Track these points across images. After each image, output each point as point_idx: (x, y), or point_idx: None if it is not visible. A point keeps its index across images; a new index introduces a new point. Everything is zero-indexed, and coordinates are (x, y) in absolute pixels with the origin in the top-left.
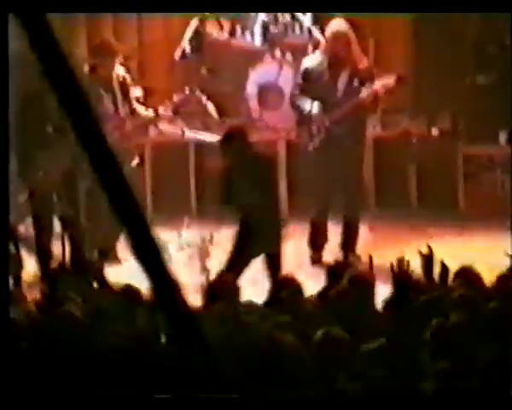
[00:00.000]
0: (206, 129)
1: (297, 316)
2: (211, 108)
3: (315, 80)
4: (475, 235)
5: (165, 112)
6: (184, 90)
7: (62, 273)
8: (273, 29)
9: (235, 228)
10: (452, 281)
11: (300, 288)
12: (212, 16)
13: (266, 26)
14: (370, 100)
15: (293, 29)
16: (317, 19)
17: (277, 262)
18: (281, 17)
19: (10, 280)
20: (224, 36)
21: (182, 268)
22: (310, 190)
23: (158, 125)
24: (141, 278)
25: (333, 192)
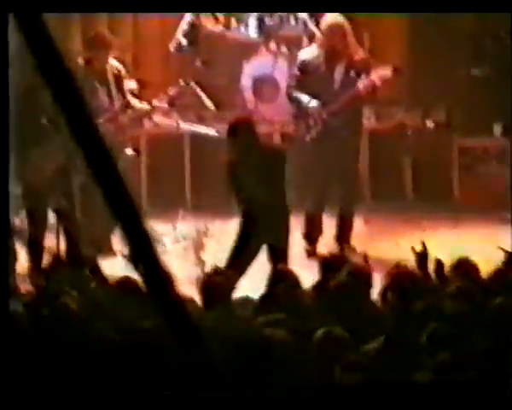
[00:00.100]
0: (200, 121)
1: (294, 311)
2: (206, 101)
3: (311, 72)
4: (470, 227)
5: (159, 104)
6: (179, 82)
7: (57, 266)
8: (268, 21)
9: (238, 221)
10: (449, 273)
11: (298, 281)
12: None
13: (261, 19)
14: (367, 91)
15: (288, 21)
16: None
17: (283, 256)
18: None
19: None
20: (219, 28)
21: (177, 261)
22: (306, 183)
23: (153, 117)
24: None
25: (329, 184)
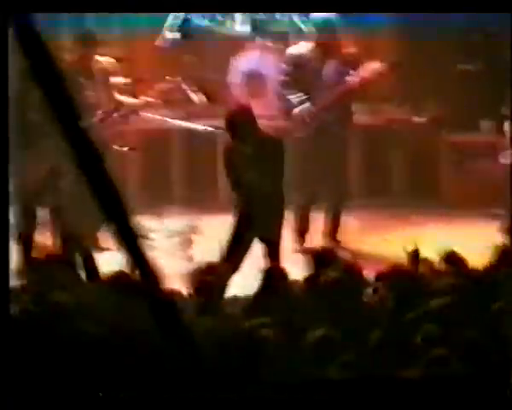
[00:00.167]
0: (189, 117)
1: (285, 310)
2: (193, 96)
3: (302, 68)
4: (459, 222)
5: (148, 100)
6: (168, 78)
7: (48, 262)
8: (256, 17)
9: (228, 217)
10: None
11: (289, 279)
12: None
13: (249, 14)
14: (359, 87)
15: (275, 17)
16: None
17: (276, 250)
18: None
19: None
20: (209, 24)
21: (165, 257)
22: (296, 178)
23: (141, 113)
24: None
25: (320, 179)
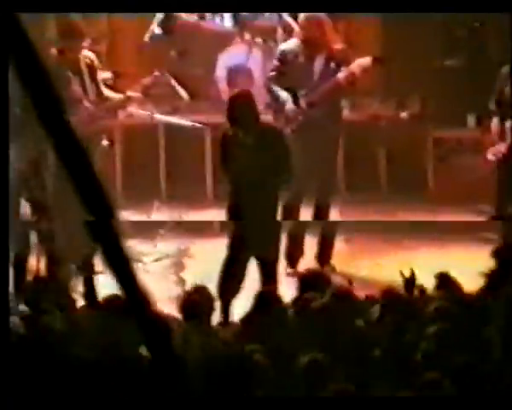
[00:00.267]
0: (175, 112)
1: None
2: (180, 91)
3: (290, 64)
4: (444, 218)
5: (134, 95)
6: (154, 72)
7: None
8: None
9: (228, 239)
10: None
11: (282, 303)
12: None
13: None
14: (347, 82)
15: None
16: None
17: (272, 272)
18: None
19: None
20: (194, 18)
21: (156, 279)
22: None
23: (127, 108)
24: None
25: (307, 176)
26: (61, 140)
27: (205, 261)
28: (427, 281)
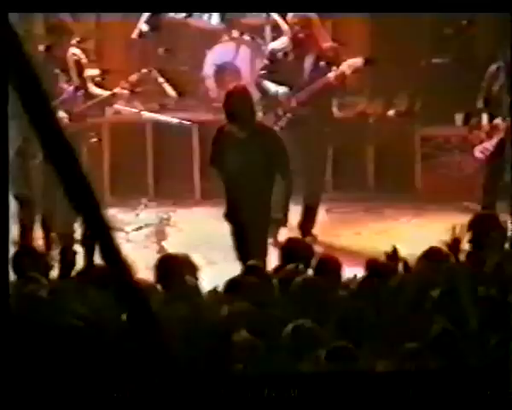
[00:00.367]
0: (163, 109)
1: (263, 303)
2: (167, 89)
3: (281, 62)
4: (432, 216)
5: (121, 92)
6: (141, 69)
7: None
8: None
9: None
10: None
11: (266, 274)
12: None
13: None
14: (337, 81)
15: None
16: None
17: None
18: None
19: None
20: (182, 15)
21: (139, 248)
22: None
23: (114, 105)
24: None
25: (297, 173)
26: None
27: (186, 230)
28: (407, 251)
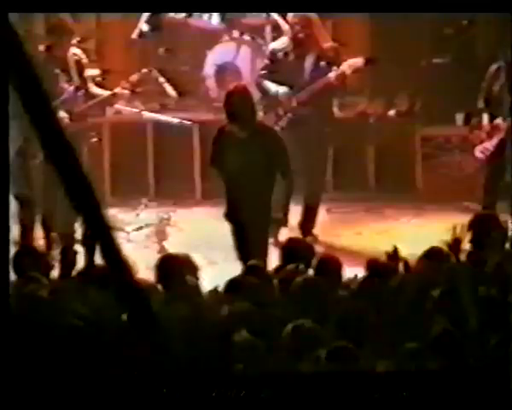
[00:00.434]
0: (163, 109)
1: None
2: (168, 89)
3: (281, 62)
4: (432, 216)
5: (122, 92)
6: (142, 69)
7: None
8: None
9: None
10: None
11: (267, 275)
12: None
13: None
14: (338, 81)
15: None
16: None
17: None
18: None
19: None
20: (182, 15)
21: (139, 248)
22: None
23: (115, 105)
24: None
25: (297, 173)
26: (49, 137)
27: (187, 230)
28: (408, 251)
